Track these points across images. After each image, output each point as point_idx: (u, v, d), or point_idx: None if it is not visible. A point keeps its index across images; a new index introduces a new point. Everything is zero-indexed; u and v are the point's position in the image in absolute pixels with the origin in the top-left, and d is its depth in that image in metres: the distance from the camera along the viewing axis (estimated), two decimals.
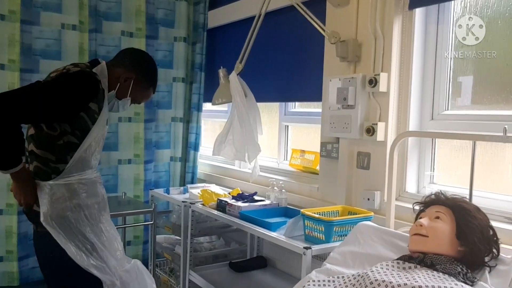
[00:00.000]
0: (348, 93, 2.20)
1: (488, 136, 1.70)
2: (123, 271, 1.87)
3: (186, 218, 2.69)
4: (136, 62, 1.89)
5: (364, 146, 2.26)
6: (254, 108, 2.57)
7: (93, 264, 1.75)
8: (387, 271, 1.39)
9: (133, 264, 1.96)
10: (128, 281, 1.87)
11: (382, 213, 2.10)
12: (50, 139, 1.70)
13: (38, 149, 1.71)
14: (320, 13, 2.37)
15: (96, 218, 1.83)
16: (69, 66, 1.77)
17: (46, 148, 1.71)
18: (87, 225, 1.79)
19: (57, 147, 1.70)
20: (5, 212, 3.03)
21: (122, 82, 1.86)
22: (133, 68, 1.87)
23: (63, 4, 3.14)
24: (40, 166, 1.72)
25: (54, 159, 1.71)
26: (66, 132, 1.70)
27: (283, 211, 2.44)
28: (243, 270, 2.74)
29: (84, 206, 1.79)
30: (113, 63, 1.88)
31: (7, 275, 3.05)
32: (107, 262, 1.80)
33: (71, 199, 1.75)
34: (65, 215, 1.73)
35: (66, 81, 1.68)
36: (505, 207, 1.81)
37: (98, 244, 1.79)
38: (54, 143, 1.70)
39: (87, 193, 1.80)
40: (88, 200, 1.80)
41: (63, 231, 1.72)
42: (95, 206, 1.83)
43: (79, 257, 1.72)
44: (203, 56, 3.55)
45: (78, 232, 1.75)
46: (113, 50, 3.35)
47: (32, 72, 3.08)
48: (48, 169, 1.72)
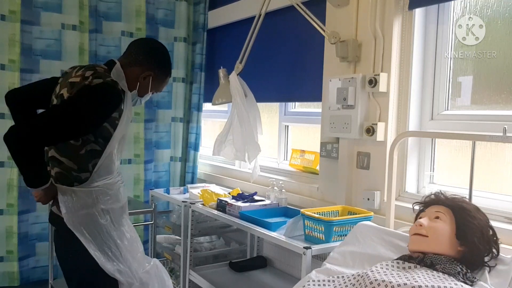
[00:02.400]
0: (348, 93, 2.20)
1: (488, 136, 1.69)
2: (144, 272, 1.88)
3: (186, 218, 2.70)
4: (151, 57, 1.84)
5: (364, 146, 2.26)
6: (254, 108, 2.57)
7: (118, 269, 1.76)
8: (387, 271, 1.40)
9: (153, 264, 1.96)
10: (147, 281, 1.88)
11: (382, 213, 2.10)
12: (72, 149, 1.69)
13: (61, 157, 1.70)
14: (320, 13, 2.37)
15: (119, 221, 1.83)
16: (89, 74, 1.68)
17: (68, 157, 1.69)
18: (113, 229, 1.79)
19: (80, 156, 1.69)
20: (5, 212, 3.03)
21: (142, 81, 1.83)
22: (150, 64, 1.82)
23: (63, 4, 3.15)
24: (63, 172, 1.71)
25: (76, 168, 1.70)
26: (89, 140, 1.69)
27: (283, 211, 2.45)
28: (243, 270, 2.74)
29: (110, 210, 1.78)
30: (127, 62, 1.82)
31: (7, 275, 3.05)
32: (130, 266, 1.81)
33: (96, 204, 1.74)
34: (93, 221, 1.73)
35: (89, 98, 1.63)
36: (505, 207, 1.81)
37: (122, 248, 1.80)
38: (77, 152, 1.69)
39: (111, 198, 1.80)
40: (112, 204, 1.80)
41: (91, 237, 1.72)
42: (119, 210, 1.83)
43: (106, 263, 1.73)
44: (203, 56, 3.55)
45: (105, 238, 1.75)
46: (113, 50, 3.35)
47: (32, 72, 3.08)
48: (71, 176, 1.71)
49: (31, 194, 3.09)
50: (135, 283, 1.81)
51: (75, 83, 1.68)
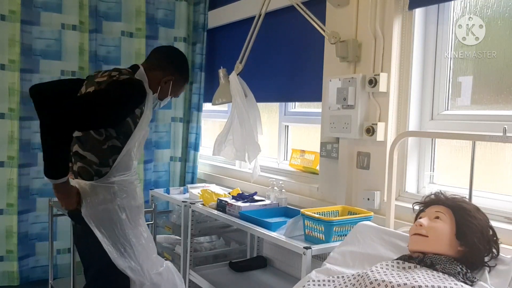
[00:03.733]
0: (348, 93, 2.20)
1: (488, 136, 1.69)
2: (156, 273, 1.93)
3: (186, 218, 2.70)
4: (173, 63, 1.96)
5: (364, 146, 2.26)
6: (254, 108, 2.57)
7: (129, 266, 1.82)
8: (387, 271, 1.40)
9: (166, 266, 2.02)
10: (159, 283, 1.93)
11: (382, 213, 2.10)
12: (95, 143, 1.77)
13: (84, 151, 1.79)
14: (320, 13, 2.37)
15: (136, 220, 1.89)
16: (115, 73, 1.80)
17: (91, 151, 1.78)
18: (128, 227, 1.84)
19: (102, 151, 1.78)
20: (5, 212, 3.03)
21: (163, 85, 1.94)
22: (171, 69, 1.94)
23: (63, 4, 3.15)
24: (85, 167, 1.79)
25: (98, 163, 1.78)
26: (111, 136, 1.77)
27: (283, 211, 2.45)
28: (243, 270, 2.74)
29: (126, 207, 1.84)
30: (149, 66, 1.93)
31: (7, 275, 3.05)
32: (142, 264, 1.86)
33: (113, 200, 1.81)
34: (109, 217, 1.80)
35: (119, 90, 1.73)
36: (505, 207, 1.81)
37: (137, 246, 1.86)
38: (100, 147, 1.77)
39: (128, 195, 1.86)
40: (128, 202, 1.86)
41: (106, 232, 1.79)
42: (135, 209, 1.89)
43: (118, 259, 1.80)
44: (203, 56, 3.55)
45: (120, 234, 1.82)
46: (113, 50, 3.35)
47: (32, 72, 3.08)
48: (92, 170, 1.79)
49: (30, 194, 3.13)
50: (146, 283, 1.87)
51: (102, 81, 1.79)
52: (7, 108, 3.02)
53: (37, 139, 3.15)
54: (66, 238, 3.12)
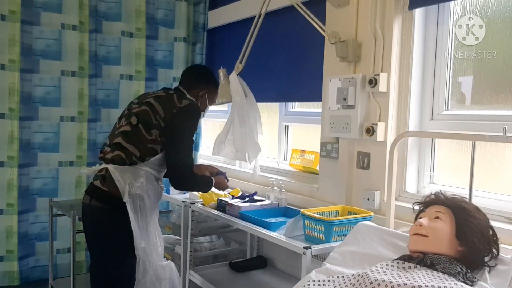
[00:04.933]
0: (348, 93, 2.20)
1: (488, 136, 1.69)
2: (160, 265, 2.13)
3: (186, 218, 2.69)
4: (202, 78, 2.30)
5: (364, 146, 2.26)
6: (254, 108, 2.57)
7: (143, 248, 2.02)
8: (387, 271, 1.40)
9: (168, 264, 2.20)
10: (161, 276, 2.12)
11: (382, 213, 2.10)
12: (142, 140, 2.02)
13: (127, 143, 2.02)
14: (320, 13, 2.37)
15: (155, 211, 2.15)
16: (176, 102, 2.08)
17: (135, 144, 2.02)
18: (150, 213, 2.08)
19: (145, 148, 2.02)
20: (6, 212, 3.03)
21: (201, 99, 2.29)
22: (203, 84, 2.29)
23: (63, 4, 3.15)
24: (122, 156, 2.01)
25: (138, 156, 2.02)
26: (157, 141, 2.03)
27: (283, 211, 2.45)
28: (243, 270, 2.74)
29: (150, 196, 2.07)
30: (188, 87, 2.26)
31: (7, 275, 3.05)
32: (152, 250, 2.08)
33: (144, 185, 2.03)
34: (140, 199, 2.02)
35: (192, 119, 2.10)
36: (505, 207, 1.80)
37: (152, 232, 2.10)
38: (145, 144, 2.02)
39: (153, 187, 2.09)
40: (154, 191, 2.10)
41: (134, 210, 2.00)
42: (157, 200, 2.15)
43: (138, 238, 1.99)
44: (203, 56, 3.55)
45: (143, 216, 2.04)
46: (113, 50, 3.36)
47: (32, 72, 3.09)
48: (129, 160, 2.01)
49: (30, 194, 3.14)
50: (150, 271, 2.06)
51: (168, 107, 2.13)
52: (7, 108, 3.02)
53: (37, 139, 3.15)
54: (66, 238, 3.12)
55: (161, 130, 2.02)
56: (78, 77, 3.24)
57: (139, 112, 2.06)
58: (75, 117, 3.26)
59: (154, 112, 2.04)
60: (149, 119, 2.02)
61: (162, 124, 2.02)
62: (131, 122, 2.05)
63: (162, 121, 2.02)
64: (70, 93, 3.23)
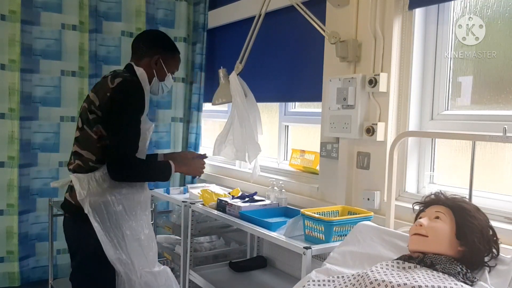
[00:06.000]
0: (348, 93, 2.20)
1: (488, 136, 1.69)
2: (148, 272, 1.92)
3: (186, 218, 2.70)
4: (151, 43, 2.01)
5: (364, 146, 2.26)
6: (254, 108, 2.57)
7: (119, 258, 1.83)
8: (387, 271, 1.40)
9: (163, 270, 2.01)
10: (150, 283, 1.92)
11: (382, 213, 2.10)
12: (92, 141, 1.82)
13: (81, 150, 1.85)
14: (320, 13, 2.37)
15: (136, 215, 1.91)
16: (109, 83, 1.83)
17: (88, 149, 1.84)
18: (124, 220, 1.87)
19: (97, 149, 1.83)
20: (6, 213, 3.03)
21: (155, 66, 2.00)
22: (153, 50, 1.99)
23: (63, 4, 3.15)
24: (81, 164, 1.85)
25: (94, 160, 1.83)
26: (104, 136, 1.81)
27: (283, 211, 2.45)
28: (243, 270, 2.74)
29: (124, 200, 1.87)
30: (137, 58, 1.99)
31: (8, 276, 3.05)
32: (134, 259, 1.87)
33: (110, 192, 1.84)
34: (105, 207, 1.83)
35: (129, 97, 1.83)
36: (505, 207, 1.81)
37: (130, 239, 1.88)
38: (95, 145, 1.82)
39: (128, 189, 1.89)
40: (128, 195, 1.89)
41: (101, 221, 1.82)
42: (136, 204, 1.92)
43: (109, 249, 1.81)
44: (203, 56, 3.55)
45: (114, 225, 1.85)
46: (113, 50, 3.36)
47: (32, 72, 3.09)
48: (87, 167, 1.84)
49: (31, 194, 3.13)
50: (135, 278, 1.87)
51: (103, 93, 1.87)
52: (7, 108, 3.02)
53: (37, 139, 3.15)
54: None
55: (101, 122, 1.81)
56: (78, 77, 3.24)
57: (81, 112, 1.89)
58: (75, 117, 3.25)
59: (89, 104, 1.83)
60: (88, 116, 1.82)
61: (99, 114, 1.80)
62: (78, 125, 1.88)
63: (98, 110, 1.80)
64: (70, 93, 3.23)
